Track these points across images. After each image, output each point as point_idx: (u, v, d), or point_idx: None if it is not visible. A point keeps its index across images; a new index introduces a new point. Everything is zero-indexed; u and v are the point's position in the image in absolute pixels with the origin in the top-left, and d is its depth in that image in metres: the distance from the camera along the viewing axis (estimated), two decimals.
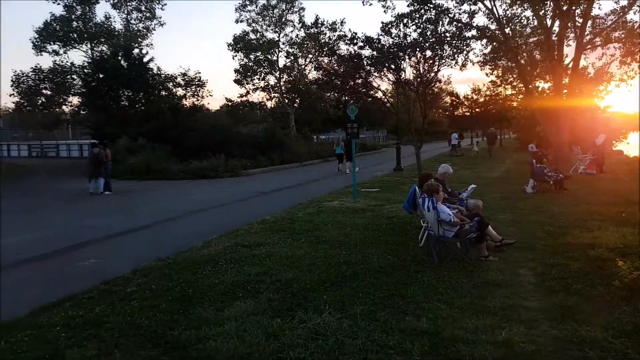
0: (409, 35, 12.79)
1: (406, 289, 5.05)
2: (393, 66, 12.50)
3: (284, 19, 35.43)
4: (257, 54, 35.95)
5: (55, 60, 32.93)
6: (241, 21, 35.61)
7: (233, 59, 42.84)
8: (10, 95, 43.03)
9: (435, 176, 7.75)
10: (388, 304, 4.67)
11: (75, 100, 33.32)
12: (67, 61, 33.08)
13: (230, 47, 36.02)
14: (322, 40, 35.42)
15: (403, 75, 12.88)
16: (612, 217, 8.45)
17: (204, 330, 4.11)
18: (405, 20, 12.90)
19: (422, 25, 13.56)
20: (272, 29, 35.68)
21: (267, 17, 35.17)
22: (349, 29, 38.00)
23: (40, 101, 33.98)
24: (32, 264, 6.87)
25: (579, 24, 20.86)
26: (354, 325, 4.17)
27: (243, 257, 6.47)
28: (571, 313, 4.33)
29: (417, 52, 12.82)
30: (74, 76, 32.43)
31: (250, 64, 36.18)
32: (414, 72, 12.84)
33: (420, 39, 13.13)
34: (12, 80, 33.15)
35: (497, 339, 3.85)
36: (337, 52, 14.47)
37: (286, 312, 4.47)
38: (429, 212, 6.29)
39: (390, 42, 12.55)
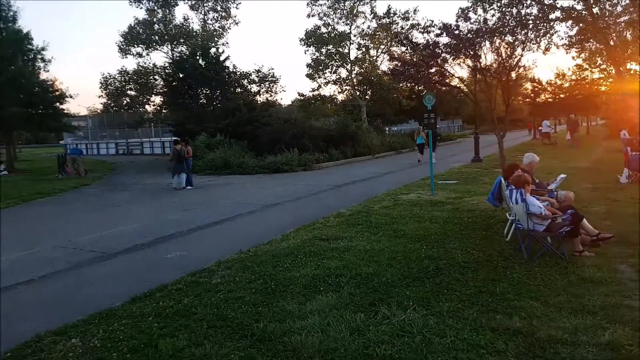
0: (489, 20, 12.15)
1: (495, 286, 4.80)
2: (471, 52, 11.90)
3: (355, 11, 35.15)
4: (329, 47, 35.99)
5: (139, 62, 35.25)
6: (312, 15, 35.78)
7: (305, 53, 43.24)
8: (99, 97, 46.47)
9: (522, 166, 7.29)
10: (476, 301, 4.45)
11: (157, 99, 35.41)
12: (149, 63, 35.23)
13: (302, 42, 36.37)
14: (394, 30, 34.76)
15: (483, 62, 12.23)
16: None
17: (288, 323, 4.13)
18: (484, 5, 12.29)
19: (502, 10, 12.83)
20: (343, 22, 35.53)
21: (339, 10, 35.06)
22: (423, 17, 37.02)
23: (125, 101, 36.48)
24: (126, 255, 7.30)
25: None
26: (441, 322, 4.01)
27: (321, 250, 6.48)
28: None
29: (497, 37, 12.14)
30: (156, 77, 34.42)
31: (321, 57, 36.33)
32: (495, 57, 12.16)
33: (500, 23, 12.42)
34: (100, 83, 35.85)
35: (599, 341, 3.56)
36: (412, 40, 14.01)
37: (369, 307, 4.39)
38: (517, 204, 5.94)
39: (469, 28, 11.97)
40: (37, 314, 4.95)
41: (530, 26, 12.51)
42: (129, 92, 36.42)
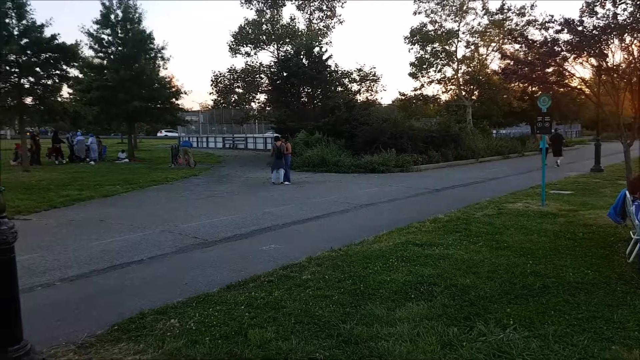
0: (620, 15, 10.81)
1: (612, 312, 4.24)
2: (597, 50, 10.70)
3: (465, 7, 33.75)
4: (434, 45, 34.97)
5: (247, 61, 37.01)
6: (419, 13, 34.98)
7: (409, 52, 42.60)
8: (210, 94, 49.66)
9: None
10: (588, 327, 3.96)
11: (262, 97, 36.94)
12: (256, 62, 36.89)
13: (407, 40, 35.71)
14: (508, 27, 32.82)
15: (610, 61, 10.95)
16: None
17: (375, 328, 3.99)
18: None
19: (637, 2, 11.37)
20: (452, 19, 34.31)
21: (447, 7, 33.90)
22: (541, 12, 34.62)
23: (233, 98, 38.57)
24: (225, 243, 7.64)
25: None
26: (545, 347, 3.61)
27: (414, 256, 6.22)
28: None
29: (628, 34, 10.79)
30: (262, 75, 35.93)
31: (426, 56, 35.40)
32: (625, 56, 10.83)
33: (632, 18, 11.02)
34: (211, 80, 38.26)
35: None
36: (527, 37, 12.99)
37: (463, 322, 4.09)
38: None
39: (595, 24, 10.76)
40: (143, 292, 5.31)
41: None
42: (236, 89, 38.47)
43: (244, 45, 36.77)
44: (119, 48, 25.79)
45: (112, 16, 25.49)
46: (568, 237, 7.13)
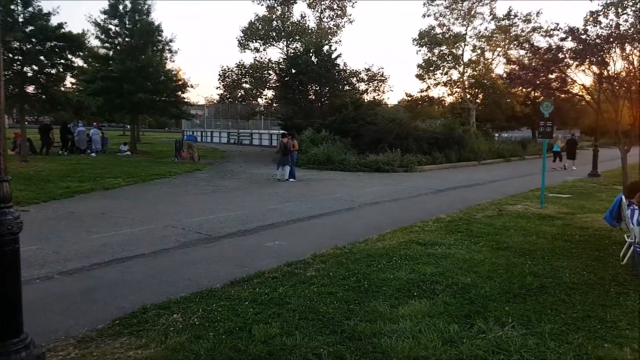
0: (622, 25, 10.95)
1: (605, 312, 4.42)
2: (599, 58, 10.85)
3: (473, 12, 33.91)
4: (442, 48, 35.14)
5: (255, 57, 37.05)
6: (428, 15, 35.17)
7: (417, 53, 42.70)
8: (216, 88, 49.75)
9: None
10: (582, 326, 4.13)
11: (269, 93, 36.99)
12: (265, 58, 36.92)
13: (415, 42, 35.87)
14: (514, 33, 33.01)
15: (611, 69, 11.11)
16: None
17: (378, 324, 4.12)
18: (617, 9, 11.10)
19: (638, 14, 11.50)
20: (459, 22, 34.51)
21: (456, 11, 34.06)
22: (546, 20, 34.96)
23: (240, 94, 38.62)
24: (229, 239, 7.74)
25: None
26: (542, 344, 3.77)
27: (417, 254, 6.38)
28: None
29: (629, 44, 10.92)
30: (270, 71, 35.98)
31: (433, 58, 35.58)
32: (625, 65, 10.97)
33: (634, 29, 11.13)
34: (219, 75, 38.34)
35: None
36: (533, 44, 13.15)
37: (464, 319, 4.25)
38: (638, 226, 5.39)
39: (598, 33, 10.91)
40: (145, 286, 5.35)
41: None
42: (244, 84, 38.52)
43: (254, 41, 36.83)
44: (126, 39, 25.79)
45: (121, 7, 25.53)
46: (565, 239, 7.32)
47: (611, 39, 10.96)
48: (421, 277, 5.40)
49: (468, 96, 35.81)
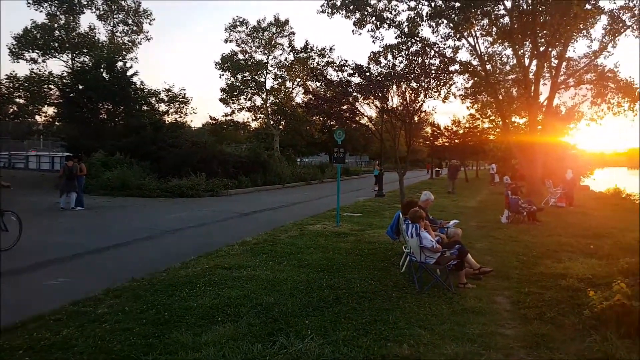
0: (397, 66, 13.02)
1: (388, 315, 4.99)
2: (380, 94, 12.63)
3: (273, 42, 35.82)
4: (245, 74, 36.11)
5: (32, 69, 32.21)
6: (230, 41, 35.90)
7: (220, 77, 43.07)
8: None
9: (419, 203, 7.73)
10: (370, 329, 4.58)
11: (50, 110, 32.41)
12: (45, 70, 32.35)
13: (218, 66, 36.12)
14: (311, 65, 35.83)
15: (389, 104, 13.04)
16: (581, 249, 8.70)
17: (180, 355, 3.93)
18: (393, 52, 13.20)
19: (409, 57, 13.83)
20: (261, 51, 36.04)
21: (257, 39, 35.53)
22: (338, 56, 38.97)
23: (12, 110, 32.93)
24: None
25: (555, 65, 21.82)
26: (336, 351, 4.06)
27: (222, 279, 6.29)
28: (545, 341, 4.42)
29: (403, 83, 13.02)
30: (51, 86, 31.67)
31: (237, 83, 36.30)
32: (400, 101, 13.02)
33: (407, 70, 13.35)
34: None
35: None
36: (326, 77, 14.58)
37: (267, 338, 4.31)
38: (412, 238, 6.27)
39: (379, 71, 12.75)
40: None
41: (433, 75, 13.59)
42: (17, 99, 33.05)
43: (30, 51, 32.09)
44: None
45: None
46: (357, 253, 8.11)
47: (389, 77, 12.84)
48: (226, 301, 5.32)
49: (271, 122, 37.51)
